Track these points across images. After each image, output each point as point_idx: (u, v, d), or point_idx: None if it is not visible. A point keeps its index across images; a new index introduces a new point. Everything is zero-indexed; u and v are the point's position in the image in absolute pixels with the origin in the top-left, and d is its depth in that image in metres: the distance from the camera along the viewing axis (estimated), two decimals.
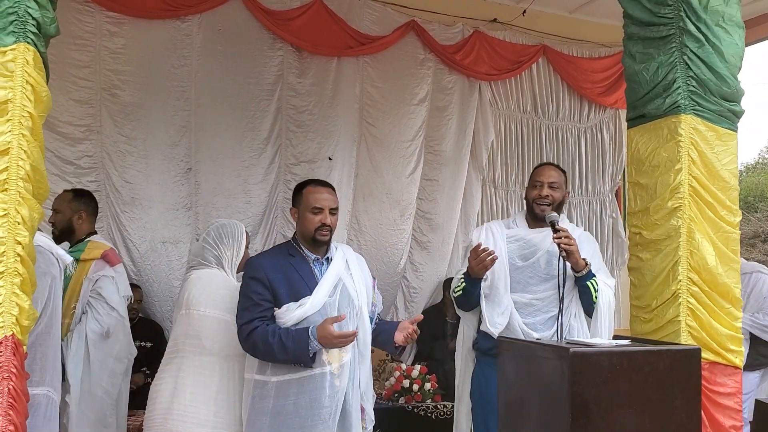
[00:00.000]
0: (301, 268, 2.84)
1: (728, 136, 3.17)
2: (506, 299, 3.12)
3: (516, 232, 3.28)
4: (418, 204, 5.73)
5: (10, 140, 2.13)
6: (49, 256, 2.53)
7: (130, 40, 4.81)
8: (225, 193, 5.09)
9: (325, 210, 2.88)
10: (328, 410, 2.69)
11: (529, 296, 3.16)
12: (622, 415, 2.31)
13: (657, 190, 3.15)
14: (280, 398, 2.71)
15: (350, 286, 2.87)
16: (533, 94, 6.21)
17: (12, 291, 2.09)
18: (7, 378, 2.05)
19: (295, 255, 2.89)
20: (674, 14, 3.13)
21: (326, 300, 2.78)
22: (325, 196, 2.93)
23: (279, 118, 5.24)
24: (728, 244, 3.14)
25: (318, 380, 2.70)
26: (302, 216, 2.91)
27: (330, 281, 2.83)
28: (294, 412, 2.69)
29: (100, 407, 3.54)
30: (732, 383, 3.08)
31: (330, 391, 2.70)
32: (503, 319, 3.09)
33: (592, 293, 3.12)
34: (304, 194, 2.94)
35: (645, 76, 3.17)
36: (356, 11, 5.44)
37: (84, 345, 3.50)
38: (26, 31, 2.18)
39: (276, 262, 2.85)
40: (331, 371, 2.71)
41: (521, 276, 3.18)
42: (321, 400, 2.69)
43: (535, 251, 3.20)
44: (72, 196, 3.81)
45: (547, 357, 2.40)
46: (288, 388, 2.71)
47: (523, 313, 3.13)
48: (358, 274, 2.95)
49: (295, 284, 2.79)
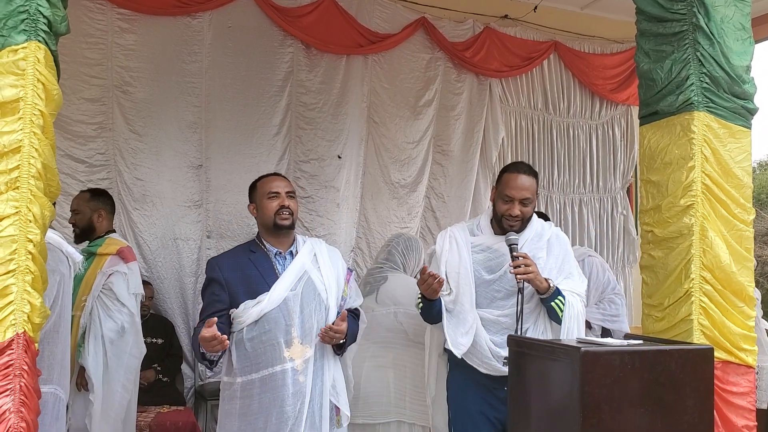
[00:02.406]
0: (260, 263, 2.78)
1: (742, 134, 3.14)
2: (471, 316, 2.90)
3: (481, 241, 3.04)
4: (426, 202, 5.73)
5: (21, 138, 2.14)
6: (58, 253, 2.54)
7: (141, 37, 4.83)
8: (235, 189, 5.10)
9: (281, 193, 2.83)
10: (292, 408, 2.64)
11: (497, 312, 2.94)
12: (633, 414, 2.29)
13: (669, 187, 3.12)
14: (245, 398, 2.67)
15: (317, 279, 2.79)
16: (544, 90, 6.18)
17: (24, 288, 2.10)
18: (18, 375, 2.05)
19: (256, 251, 2.83)
20: (687, 10, 3.10)
21: (287, 294, 2.71)
22: (278, 182, 2.89)
23: (289, 114, 5.24)
24: (741, 242, 3.11)
25: (279, 378, 2.65)
26: (260, 206, 2.85)
27: (293, 274, 2.75)
28: (259, 411, 2.65)
29: (120, 403, 3.62)
30: (745, 382, 3.05)
31: (293, 388, 2.65)
32: (467, 339, 2.88)
33: (558, 313, 2.94)
34: (258, 186, 2.91)
35: (659, 74, 3.15)
36: (366, 8, 5.43)
37: (101, 344, 3.56)
38: (37, 29, 2.18)
39: (234, 261, 2.80)
40: (293, 368, 2.66)
41: (487, 290, 2.96)
42: (284, 398, 2.64)
43: (503, 262, 2.97)
44: (90, 195, 3.88)
45: (557, 357, 2.38)
46: (252, 387, 2.67)
47: (491, 330, 2.91)
48: (328, 267, 2.85)
49: (253, 281, 2.73)
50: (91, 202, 3.85)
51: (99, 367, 3.53)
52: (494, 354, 2.90)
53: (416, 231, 5.68)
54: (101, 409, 3.52)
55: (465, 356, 2.92)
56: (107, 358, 3.56)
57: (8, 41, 2.15)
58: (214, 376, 5.01)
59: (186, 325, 4.98)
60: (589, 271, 4.40)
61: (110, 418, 3.54)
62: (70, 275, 2.60)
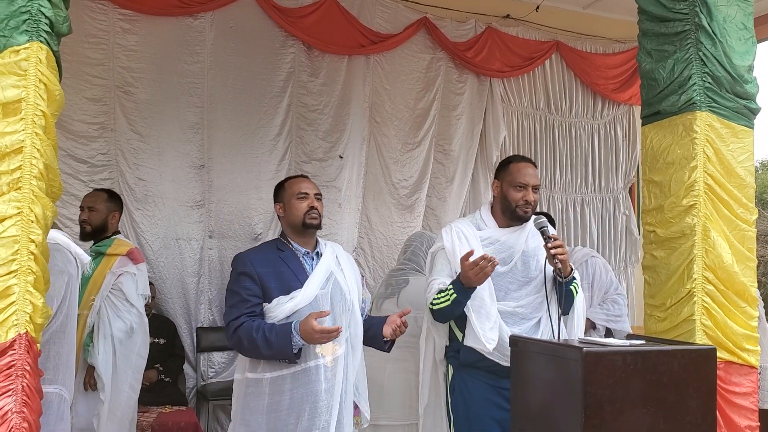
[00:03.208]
0: (290, 261, 2.81)
1: (744, 133, 3.13)
2: (494, 311, 2.88)
3: (489, 234, 3.01)
4: (428, 202, 5.73)
5: (23, 139, 2.13)
6: (67, 254, 2.54)
7: (143, 37, 4.83)
8: (237, 189, 5.11)
9: (310, 194, 2.87)
10: (325, 404, 2.66)
11: (513, 304, 2.94)
12: (636, 415, 2.29)
13: (672, 187, 3.11)
14: (275, 394, 2.67)
15: (342, 281, 2.83)
16: (546, 90, 6.17)
17: (26, 289, 2.10)
18: (20, 376, 2.05)
19: (284, 249, 2.85)
20: (689, 9, 3.10)
21: (318, 293, 2.74)
22: (307, 183, 2.94)
23: (290, 115, 5.25)
24: (744, 242, 3.11)
25: (312, 373, 2.67)
26: (288, 205, 2.89)
27: (322, 274, 2.79)
28: (290, 407, 2.65)
29: (127, 403, 3.65)
30: (748, 383, 3.05)
31: (326, 384, 2.67)
32: (495, 334, 2.84)
33: (574, 296, 2.99)
34: (287, 186, 2.94)
35: (661, 73, 3.14)
36: (368, 8, 5.43)
37: (111, 345, 3.58)
38: (39, 30, 2.18)
39: (264, 257, 2.82)
40: (324, 364, 2.68)
41: (502, 282, 2.94)
42: (318, 393, 2.65)
43: (512, 254, 2.97)
44: (107, 196, 3.94)
45: (560, 357, 2.38)
46: (282, 383, 2.67)
47: (509, 322, 2.91)
48: (349, 269, 2.91)
49: (286, 277, 2.75)
50: (109, 203, 3.90)
51: (109, 367, 3.56)
52: None
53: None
54: (108, 409, 3.54)
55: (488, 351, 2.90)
56: (116, 357, 3.58)
57: (10, 42, 2.15)
58: (216, 377, 5.03)
59: (188, 325, 4.99)
60: (592, 272, 4.43)
61: (117, 417, 3.57)
62: (78, 277, 2.61)
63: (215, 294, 5.04)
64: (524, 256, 3.00)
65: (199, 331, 4.96)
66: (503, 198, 3.02)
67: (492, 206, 3.11)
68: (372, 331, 2.90)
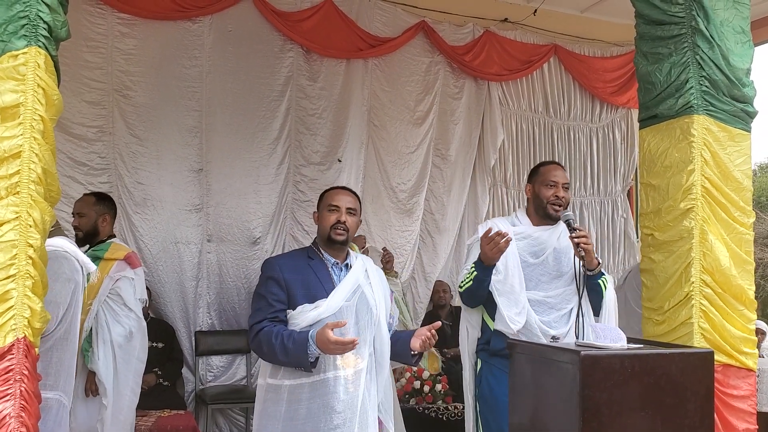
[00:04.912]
0: (319, 270, 2.79)
1: (741, 137, 3.14)
2: (522, 298, 3.05)
3: (522, 230, 3.19)
4: (426, 205, 5.74)
5: (21, 144, 2.14)
6: (73, 262, 2.54)
7: (141, 41, 4.84)
8: (236, 193, 5.11)
9: (341, 208, 2.82)
10: (342, 417, 2.62)
11: (542, 294, 3.10)
12: (634, 418, 2.29)
13: (669, 191, 3.12)
14: (292, 402, 2.65)
15: (369, 294, 2.80)
16: (545, 93, 6.19)
17: (24, 293, 2.10)
18: (19, 380, 2.06)
19: (313, 258, 2.85)
20: (686, 13, 3.11)
21: (343, 304, 2.72)
22: (342, 197, 2.88)
23: (289, 119, 5.26)
24: (741, 246, 3.11)
25: (331, 385, 2.64)
26: (321, 216, 2.88)
27: (349, 286, 2.77)
28: (307, 417, 2.63)
29: (129, 406, 3.64)
30: (745, 386, 3.05)
31: (344, 396, 2.63)
32: (522, 318, 3.01)
33: (602, 290, 3.09)
34: (325, 196, 2.92)
35: (658, 77, 3.15)
36: (366, 12, 5.45)
37: (111, 349, 3.57)
38: (37, 34, 2.19)
39: (294, 263, 2.81)
40: (344, 376, 2.65)
41: (533, 273, 3.12)
42: (334, 405, 2.62)
43: (544, 248, 3.14)
44: (95, 199, 3.87)
45: (558, 360, 2.38)
46: (300, 392, 2.65)
47: (538, 311, 3.06)
48: (378, 283, 2.88)
49: (312, 286, 2.74)
50: (97, 206, 3.83)
51: (110, 372, 3.55)
52: (543, 333, 3.00)
53: (416, 234, 5.69)
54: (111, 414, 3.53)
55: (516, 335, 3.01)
56: (116, 362, 3.57)
57: (8, 46, 2.16)
58: (215, 381, 5.03)
59: (186, 329, 4.98)
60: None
61: (119, 422, 3.56)
62: (83, 284, 2.60)
63: (214, 298, 5.05)
64: (556, 252, 3.13)
65: (198, 335, 4.96)
66: (536, 197, 3.19)
67: (527, 208, 3.29)
68: (399, 345, 2.86)
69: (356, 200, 2.90)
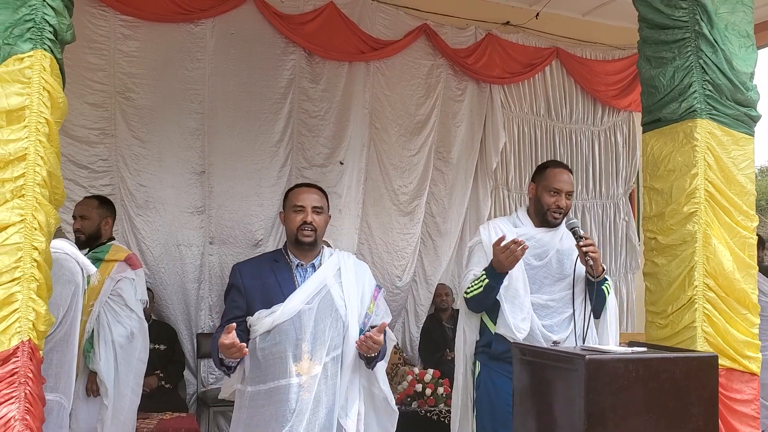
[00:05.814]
0: (280, 273, 2.69)
1: (745, 141, 3.13)
2: (527, 302, 2.99)
3: (525, 231, 3.11)
4: (427, 208, 5.75)
5: (27, 146, 2.14)
6: (74, 264, 2.54)
7: (144, 43, 4.85)
8: (238, 195, 5.12)
9: (306, 208, 2.70)
10: (291, 425, 2.53)
11: (546, 297, 3.05)
12: (638, 422, 2.29)
13: (673, 194, 3.12)
14: (252, 408, 2.62)
15: (336, 295, 2.68)
16: (546, 96, 6.19)
17: (29, 296, 2.10)
18: (23, 383, 2.05)
19: (279, 260, 2.75)
20: (689, 17, 3.10)
21: (302, 307, 2.61)
22: (307, 195, 2.76)
23: (291, 121, 5.26)
24: (745, 250, 3.11)
25: (283, 392, 2.56)
26: (286, 217, 2.77)
27: (311, 288, 2.66)
28: (264, 424, 2.58)
29: (130, 407, 3.65)
30: (749, 390, 3.05)
31: (296, 405, 2.55)
32: (526, 324, 2.95)
33: (606, 296, 3.09)
34: (289, 196, 2.82)
35: (661, 81, 3.14)
36: (368, 15, 5.45)
37: (112, 349, 3.58)
38: (43, 38, 2.19)
39: (257, 268, 2.74)
40: (299, 383, 2.56)
41: (536, 276, 3.06)
42: (284, 413, 2.55)
43: (548, 251, 3.09)
44: (98, 203, 3.90)
45: (562, 364, 2.38)
46: (259, 398, 2.61)
47: (540, 314, 3.01)
48: (351, 282, 2.74)
49: (270, 290, 2.65)
50: (100, 209, 3.87)
51: (111, 372, 3.57)
52: (545, 338, 2.96)
53: (417, 237, 5.69)
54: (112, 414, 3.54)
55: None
56: (117, 363, 3.59)
57: (14, 50, 2.15)
58: (217, 383, 5.03)
59: (189, 331, 4.99)
60: None
61: (120, 422, 3.57)
62: (83, 287, 2.61)
63: (216, 300, 5.05)
64: (559, 254, 3.09)
65: (200, 337, 4.96)
66: (537, 201, 3.14)
67: (528, 209, 3.24)
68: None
69: (323, 197, 2.79)
